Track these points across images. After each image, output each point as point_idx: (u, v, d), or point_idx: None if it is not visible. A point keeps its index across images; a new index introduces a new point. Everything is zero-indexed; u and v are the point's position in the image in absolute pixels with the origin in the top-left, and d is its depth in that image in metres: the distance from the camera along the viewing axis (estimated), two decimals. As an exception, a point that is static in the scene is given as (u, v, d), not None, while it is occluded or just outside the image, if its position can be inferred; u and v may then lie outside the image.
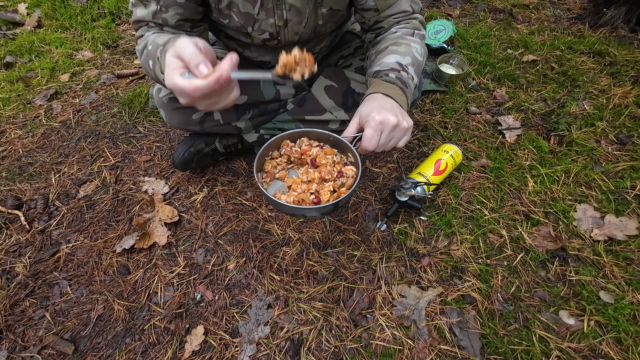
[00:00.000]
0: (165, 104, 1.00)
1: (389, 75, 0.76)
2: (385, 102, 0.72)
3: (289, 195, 0.74)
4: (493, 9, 2.00)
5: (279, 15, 0.80)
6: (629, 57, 1.55)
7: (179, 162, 1.12)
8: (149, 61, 0.74)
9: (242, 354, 0.85)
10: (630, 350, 0.80)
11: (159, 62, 0.69)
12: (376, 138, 0.68)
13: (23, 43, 1.87)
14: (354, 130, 0.73)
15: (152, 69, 0.74)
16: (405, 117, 0.71)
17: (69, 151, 1.34)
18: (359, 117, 0.72)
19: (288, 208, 0.71)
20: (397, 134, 0.70)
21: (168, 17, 0.76)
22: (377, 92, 0.75)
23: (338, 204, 0.70)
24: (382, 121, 0.67)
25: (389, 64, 0.78)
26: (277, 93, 1.04)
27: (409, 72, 0.79)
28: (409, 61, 0.80)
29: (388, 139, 0.69)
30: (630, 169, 1.15)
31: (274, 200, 0.69)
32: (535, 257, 0.98)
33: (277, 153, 0.81)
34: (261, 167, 0.80)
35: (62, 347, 0.87)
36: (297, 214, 0.75)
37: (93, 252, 1.04)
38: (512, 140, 1.28)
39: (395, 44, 0.82)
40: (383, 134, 0.68)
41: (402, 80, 0.76)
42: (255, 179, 0.74)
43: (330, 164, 0.77)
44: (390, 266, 0.98)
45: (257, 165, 0.76)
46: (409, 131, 0.72)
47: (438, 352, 0.83)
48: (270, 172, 0.78)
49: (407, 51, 0.81)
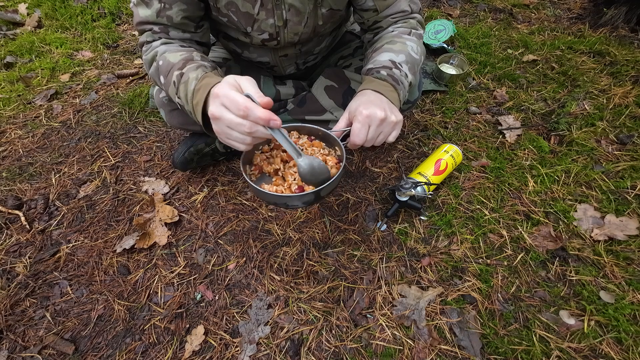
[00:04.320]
0: (165, 104, 1.00)
1: (380, 72, 0.77)
2: (375, 98, 0.73)
3: (272, 184, 0.76)
4: (493, 9, 2.00)
5: (278, 16, 0.80)
6: (629, 57, 1.55)
7: (179, 162, 1.12)
8: (159, 76, 0.76)
9: (243, 354, 0.85)
10: (631, 350, 0.80)
11: (176, 85, 0.71)
12: (364, 132, 0.69)
13: (23, 43, 1.87)
14: (344, 125, 0.74)
15: (162, 83, 0.77)
16: (394, 112, 0.72)
17: (69, 151, 1.34)
18: (348, 112, 0.74)
19: (270, 196, 0.71)
20: (385, 129, 0.71)
21: (172, 14, 0.75)
22: (367, 89, 0.76)
23: (320, 193, 0.70)
24: (370, 115, 0.68)
25: (382, 62, 0.79)
26: (277, 93, 1.04)
27: (402, 70, 0.79)
28: (403, 59, 0.80)
29: (377, 133, 0.70)
30: (631, 169, 1.15)
31: (256, 188, 0.70)
32: (536, 257, 0.98)
33: (268, 147, 0.82)
34: (250, 160, 0.80)
35: (63, 347, 0.87)
36: (279, 202, 0.76)
37: (93, 252, 1.04)
38: (512, 140, 1.28)
39: (391, 42, 0.83)
40: (371, 127, 0.69)
41: (393, 77, 0.77)
42: (242, 171, 0.74)
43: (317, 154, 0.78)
44: (391, 266, 0.98)
45: (244, 158, 0.77)
46: (399, 125, 0.73)
47: (438, 352, 0.83)
48: (258, 165, 0.79)
49: (401, 49, 0.81)
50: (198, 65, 0.70)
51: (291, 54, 0.96)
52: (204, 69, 0.70)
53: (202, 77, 0.68)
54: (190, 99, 0.68)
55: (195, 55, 0.74)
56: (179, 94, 0.72)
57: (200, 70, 0.69)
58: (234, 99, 0.57)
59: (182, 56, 0.73)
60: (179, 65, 0.71)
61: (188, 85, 0.68)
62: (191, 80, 0.68)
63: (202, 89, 0.65)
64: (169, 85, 0.74)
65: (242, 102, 0.56)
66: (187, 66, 0.70)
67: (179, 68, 0.71)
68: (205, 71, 0.69)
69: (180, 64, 0.72)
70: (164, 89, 0.78)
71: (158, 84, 0.80)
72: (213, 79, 0.66)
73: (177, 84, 0.71)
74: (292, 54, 0.96)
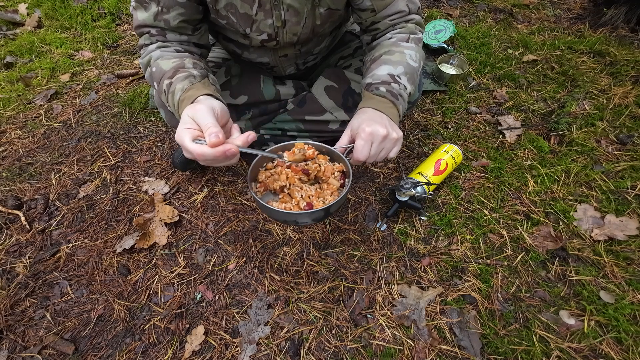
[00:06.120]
0: (165, 105, 1.00)
1: (379, 88, 0.79)
2: (375, 115, 0.75)
3: (281, 202, 0.77)
4: (493, 9, 2.00)
5: (277, 16, 0.80)
6: (629, 57, 1.55)
7: (179, 162, 1.12)
8: (153, 82, 0.79)
9: (243, 354, 0.85)
10: (631, 350, 0.80)
11: (166, 94, 0.74)
12: (367, 148, 0.71)
13: (23, 43, 1.87)
14: (346, 141, 0.76)
15: (156, 89, 0.79)
16: (395, 129, 0.75)
17: (69, 151, 1.34)
18: (350, 129, 0.76)
19: (280, 214, 0.72)
20: (387, 145, 0.73)
21: (170, 18, 0.76)
22: (367, 107, 0.78)
23: (329, 210, 0.73)
24: (372, 132, 0.71)
25: (380, 77, 0.80)
26: (277, 93, 1.04)
27: (401, 83, 0.81)
28: (402, 70, 0.81)
29: (379, 150, 0.73)
30: (631, 169, 1.15)
31: (265, 206, 0.71)
32: (536, 257, 0.98)
33: (272, 164, 0.83)
34: (255, 178, 0.82)
35: (63, 347, 0.87)
36: (288, 219, 0.79)
37: (93, 252, 1.04)
38: (512, 140, 1.28)
39: (389, 52, 0.84)
40: (373, 144, 0.71)
41: (392, 93, 0.79)
42: (249, 188, 0.76)
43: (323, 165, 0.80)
44: (391, 266, 0.98)
45: (250, 175, 0.78)
46: (399, 142, 0.75)
47: (438, 352, 0.83)
48: (263, 182, 0.80)
49: (400, 60, 0.82)
50: (187, 75, 0.72)
51: (291, 54, 0.96)
52: (191, 80, 0.72)
53: (187, 88, 0.70)
54: (176, 110, 0.71)
55: (187, 63, 0.75)
56: (168, 102, 0.74)
57: (187, 82, 0.71)
58: (186, 149, 0.60)
59: (174, 64, 0.75)
60: (170, 74, 0.73)
61: (174, 95, 0.71)
62: (177, 91, 0.71)
63: (185, 101, 0.68)
64: (161, 93, 0.77)
65: (193, 150, 0.59)
66: (176, 75, 0.72)
67: (169, 77, 0.73)
68: (192, 82, 0.71)
69: (170, 72, 0.73)
70: (159, 97, 0.80)
71: (154, 88, 0.82)
72: (197, 91, 0.69)
73: (167, 92, 0.73)
74: (291, 54, 0.96)
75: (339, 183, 0.79)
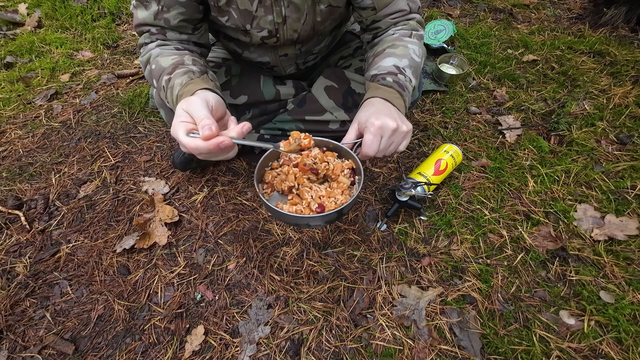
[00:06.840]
0: (165, 104, 1.00)
1: (386, 79, 0.77)
2: (384, 107, 0.72)
3: (290, 204, 0.73)
4: (493, 9, 2.00)
5: (277, 12, 0.80)
6: (629, 57, 1.55)
7: (179, 162, 1.12)
8: (152, 79, 0.78)
9: (243, 354, 0.85)
10: (631, 350, 0.80)
11: (165, 90, 0.73)
12: (376, 143, 0.68)
13: (23, 43, 1.87)
14: (354, 136, 0.73)
15: (155, 87, 0.79)
16: (404, 121, 0.71)
17: (69, 151, 1.34)
18: (357, 123, 0.73)
19: (291, 218, 0.69)
20: (396, 138, 0.70)
21: (170, 17, 0.76)
22: (374, 97, 0.75)
23: (342, 211, 0.69)
24: (382, 126, 0.67)
25: (386, 67, 0.78)
26: (277, 93, 1.04)
27: (407, 75, 0.79)
28: (407, 63, 0.80)
29: (388, 144, 0.70)
30: (631, 169, 1.15)
31: (276, 210, 0.68)
32: (536, 257, 0.98)
33: (277, 163, 0.80)
34: (261, 179, 0.78)
35: (63, 347, 0.87)
36: (300, 223, 0.74)
37: (93, 252, 1.04)
38: (512, 140, 1.28)
39: (393, 46, 0.82)
40: (383, 138, 0.68)
41: (399, 84, 0.77)
42: (256, 189, 0.72)
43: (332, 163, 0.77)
44: (391, 266, 0.98)
45: (257, 176, 0.75)
46: (409, 135, 0.72)
47: (438, 352, 0.83)
48: (270, 183, 0.77)
49: (404, 53, 0.81)
50: (186, 71, 0.71)
51: (291, 53, 0.96)
52: (190, 75, 0.71)
53: (186, 83, 0.69)
54: (175, 105, 0.70)
55: (187, 60, 0.75)
56: (167, 98, 0.73)
57: (186, 77, 0.70)
58: (180, 142, 0.59)
59: (173, 60, 0.74)
60: (169, 70, 0.73)
61: (173, 90, 0.70)
62: (176, 86, 0.70)
63: (184, 96, 0.67)
64: (160, 90, 0.76)
65: (187, 144, 0.58)
66: (175, 71, 0.72)
67: (168, 73, 0.72)
68: (191, 77, 0.70)
69: (170, 68, 0.73)
70: (158, 95, 0.79)
71: (153, 86, 0.81)
72: (196, 85, 0.67)
73: (166, 88, 0.73)
74: (292, 53, 0.96)
75: (350, 181, 0.75)
